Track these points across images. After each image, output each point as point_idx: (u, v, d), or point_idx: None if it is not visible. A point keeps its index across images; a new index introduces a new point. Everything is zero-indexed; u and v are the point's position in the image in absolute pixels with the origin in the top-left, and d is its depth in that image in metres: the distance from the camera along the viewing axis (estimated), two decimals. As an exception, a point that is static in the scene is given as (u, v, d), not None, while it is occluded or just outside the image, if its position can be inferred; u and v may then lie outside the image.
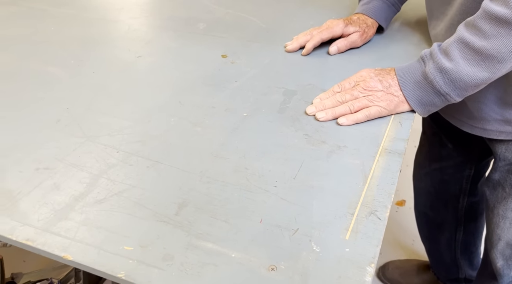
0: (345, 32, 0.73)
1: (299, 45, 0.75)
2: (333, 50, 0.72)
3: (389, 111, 0.56)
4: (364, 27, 0.74)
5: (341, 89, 0.59)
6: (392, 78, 0.57)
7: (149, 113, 0.61)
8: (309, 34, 0.75)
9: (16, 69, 0.71)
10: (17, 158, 0.52)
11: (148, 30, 0.85)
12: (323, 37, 0.73)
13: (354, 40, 0.74)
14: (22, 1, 0.97)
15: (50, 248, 0.41)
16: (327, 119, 0.56)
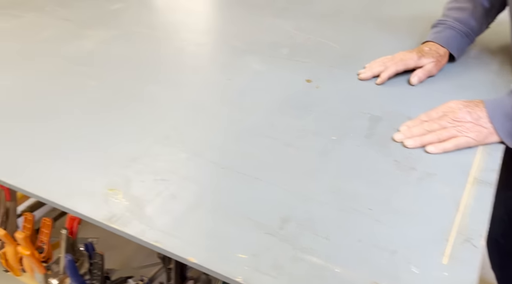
0: (418, 64, 0.76)
1: (372, 75, 0.78)
2: (415, 81, 0.75)
3: (478, 142, 0.58)
4: (437, 57, 0.76)
5: (428, 119, 0.62)
6: (481, 110, 0.59)
7: (245, 132, 0.67)
8: (383, 65, 0.78)
9: (123, 87, 0.81)
10: (138, 169, 0.60)
11: (235, 54, 0.92)
12: (398, 68, 0.76)
13: (430, 70, 0.76)
14: (123, 26, 1.09)
15: (175, 250, 0.48)
16: (415, 146, 0.60)
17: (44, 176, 0.60)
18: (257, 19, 1.08)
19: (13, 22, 1.14)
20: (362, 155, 0.60)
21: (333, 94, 0.75)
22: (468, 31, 0.78)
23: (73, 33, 1.06)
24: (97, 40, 1.01)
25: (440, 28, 0.80)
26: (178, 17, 1.13)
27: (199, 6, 1.20)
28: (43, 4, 1.26)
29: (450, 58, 0.80)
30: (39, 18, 1.16)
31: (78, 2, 1.26)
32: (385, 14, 1.05)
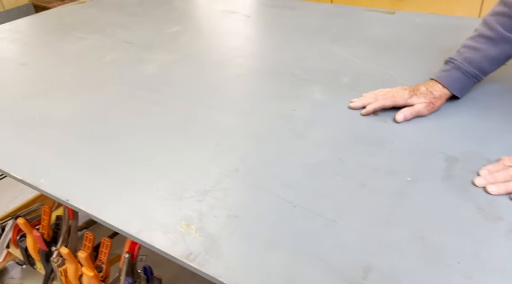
0: (407, 103, 0.76)
1: (362, 105, 0.79)
2: (400, 118, 0.75)
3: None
4: (430, 98, 0.75)
5: None
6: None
7: (314, 168, 0.66)
8: (375, 97, 0.79)
9: (187, 114, 0.82)
10: (211, 203, 0.60)
11: (296, 82, 0.92)
12: (385, 104, 0.77)
13: (419, 110, 0.75)
14: (181, 49, 1.11)
15: (257, 295, 0.47)
16: (499, 193, 0.57)
17: (122, 206, 0.61)
18: (314, 46, 1.08)
19: (77, 44, 1.19)
20: (441, 199, 0.58)
21: (402, 130, 0.74)
22: (475, 73, 0.76)
23: (134, 56, 1.09)
24: (157, 64, 1.04)
25: (448, 66, 0.78)
26: (234, 42, 1.14)
27: (255, 32, 1.21)
28: (104, 26, 1.31)
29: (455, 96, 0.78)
30: (101, 40, 1.20)
31: (136, 25, 1.30)
32: (449, 45, 1.02)
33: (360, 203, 0.59)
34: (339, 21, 1.21)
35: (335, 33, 1.14)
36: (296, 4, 1.38)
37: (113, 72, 1.02)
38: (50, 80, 1.00)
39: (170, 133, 0.77)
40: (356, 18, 1.23)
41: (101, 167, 0.70)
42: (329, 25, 1.19)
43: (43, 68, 1.06)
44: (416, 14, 1.23)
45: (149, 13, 1.39)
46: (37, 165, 0.71)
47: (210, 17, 1.34)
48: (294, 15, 1.29)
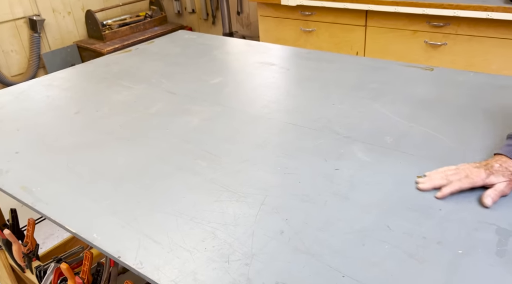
0: (486, 183, 0.72)
1: (432, 187, 0.74)
2: (489, 203, 0.69)
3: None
4: (509, 175, 0.71)
5: None
6: None
7: (362, 234, 0.66)
8: (445, 178, 0.74)
9: (232, 171, 0.84)
10: (259, 269, 0.61)
11: (338, 140, 0.93)
12: (462, 186, 0.72)
13: (502, 190, 0.71)
14: (223, 101, 1.16)
15: None
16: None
17: (171, 266, 0.62)
18: (353, 101, 1.10)
19: (124, 93, 1.25)
20: (496, 278, 0.57)
21: (450, 196, 0.73)
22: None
23: (179, 107, 1.14)
24: (201, 117, 1.08)
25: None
26: (275, 95, 1.17)
27: (294, 85, 1.24)
28: (149, 75, 1.37)
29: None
30: (147, 90, 1.26)
31: (179, 75, 1.37)
32: (496, 105, 1.02)
33: (409, 275, 0.58)
34: (378, 76, 1.24)
35: (374, 89, 1.16)
36: (332, 57, 1.42)
37: (159, 123, 1.06)
38: (101, 129, 1.05)
39: (216, 190, 0.79)
40: (394, 74, 1.25)
41: (150, 223, 0.72)
42: (368, 80, 1.22)
43: (94, 117, 1.12)
44: (456, 72, 1.24)
45: (191, 63, 1.46)
46: (91, 218, 0.74)
47: (250, 68, 1.40)
48: (332, 68, 1.33)
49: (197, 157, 0.90)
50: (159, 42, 1.72)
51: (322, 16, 2.34)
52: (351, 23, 2.25)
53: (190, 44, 1.66)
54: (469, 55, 1.96)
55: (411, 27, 2.07)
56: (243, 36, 3.44)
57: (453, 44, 1.99)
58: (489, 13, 1.78)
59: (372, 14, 2.16)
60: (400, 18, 2.08)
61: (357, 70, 1.30)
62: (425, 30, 2.04)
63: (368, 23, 2.20)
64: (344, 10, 2.22)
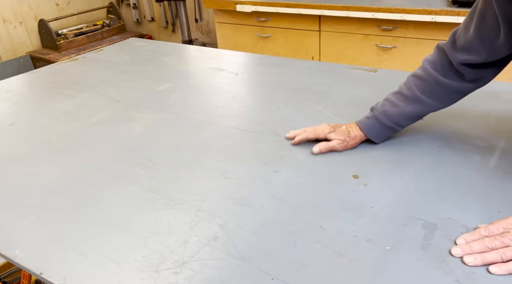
0: (327, 137, 0.87)
1: (293, 135, 0.92)
2: (315, 151, 0.86)
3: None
4: (345, 137, 0.86)
5: (489, 234, 0.59)
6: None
7: (294, 236, 0.66)
8: (304, 130, 0.91)
9: (172, 178, 0.83)
10: (188, 276, 0.59)
11: (280, 143, 0.93)
12: (308, 136, 0.89)
13: (332, 145, 0.86)
14: (169, 108, 1.14)
15: None
16: (476, 264, 0.57)
17: (96, 280, 0.60)
18: (298, 104, 1.11)
19: (67, 102, 1.21)
20: (420, 272, 0.58)
21: (382, 194, 0.74)
22: (391, 125, 0.86)
23: (122, 115, 1.11)
24: (145, 124, 1.06)
25: (369, 114, 0.89)
26: (222, 101, 1.17)
27: (242, 89, 1.24)
28: (95, 84, 1.34)
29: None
30: (91, 99, 1.23)
31: (126, 82, 1.34)
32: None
33: (338, 274, 0.58)
34: (323, 79, 1.25)
35: (319, 91, 1.18)
36: (281, 61, 1.43)
37: (100, 132, 1.03)
38: (37, 140, 1.01)
39: (152, 198, 0.77)
40: (340, 76, 1.27)
41: (79, 237, 0.69)
42: (313, 83, 1.23)
43: (31, 128, 1.07)
44: (398, 73, 1.27)
45: (139, 71, 1.43)
46: (15, 234, 0.70)
47: (199, 74, 1.38)
48: (280, 73, 1.33)
49: (136, 165, 0.88)
50: (108, 50, 1.68)
51: (278, 22, 2.36)
52: (305, 28, 2.29)
53: (140, 52, 1.63)
54: (417, 57, 2.02)
55: (363, 31, 2.13)
56: (203, 43, 3.43)
57: (403, 47, 2.05)
58: (433, 17, 1.85)
59: (325, 19, 2.20)
60: (351, 23, 2.13)
61: (304, 74, 1.31)
62: (376, 34, 2.10)
63: (322, 28, 2.24)
64: (298, 16, 2.25)
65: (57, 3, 3.45)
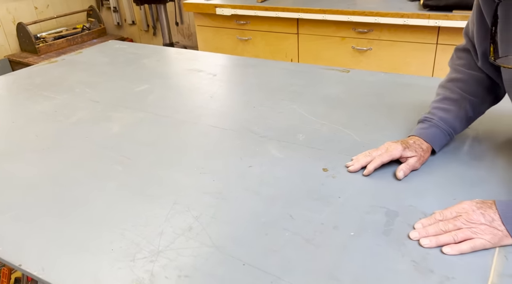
0: (403, 155, 0.80)
1: (360, 166, 0.81)
2: (401, 175, 0.78)
3: (493, 244, 0.60)
4: (420, 152, 0.80)
5: (443, 218, 0.64)
6: (494, 212, 0.61)
7: (265, 226, 0.70)
8: (370, 155, 0.82)
9: (148, 173, 0.85)
10: (163, 264, 0.62)
11: (255, 139, 0.97)
12: (383, 160, 0.80)
13: (413, 164, 0.79)
14: (147, 108, 1.16)
15: None
16: (431, 246, 0.61)
17: (73, 270, 0.62)
18: (273, 103, 1.15)
19: (45, 104, 1.22)
20: (381, 254, 0.62)
21: (349, 185, 0.78)
22: (450, 130, 0.84)
23: (101, 115, 1.13)
24: (123, 123, 1.08)
25: (426, 124, 0.85)
26: (200, 100, 1.20)
27: (219, 89, 1.27)
28: (74, 85, 1.35)
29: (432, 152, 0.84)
30: (69, 100, 1.24)
31: (105, 83, 1.36)
32: (398, 101, 1.10)
33: (305, 259, 0.62)
34: (298, 80, 1.30)
35: (294, 91, 1.22)
36: (258, 62, 1.47)
37: (79, 132, 1.05)
38: (15, 140, 1.02)
39: (130, 193, 0.80)
40: (314, 77, 1.32)
41: (57, 230, 0.71)
42: (289, 83, 1.27)
43: (8, 128, 1.08)
44: (369, 73, 1.32)
45: (118, 72, 1.45)
46: (-6, 229, 0.72)
47: (178, 75, 1.41)
48: (257, 73, 1.37)
49: (114, 163, 0.90)
50: (87, 52, 1.69)
51: (257, 25, 2.41)
52: (284, 31, 2.34)
53: (119, 54, 1.65)
54: (391, 58, 2.09)
55: (339, 33, 2.19)
56: (185, 46, 3.45)
57: (378, 49, 2.12)
58: (405, 20, 1.92)
59: (303, 22, 2.25)
60: (328, 26, 2.19)
61: (280, 75, 1.35)
62: (352, 37, 2.16)
63: (300, 31, 2.30)
64: (277, 19, 2.30)
65: (35, 7, 3.43)
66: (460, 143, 0.89)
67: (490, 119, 0.95)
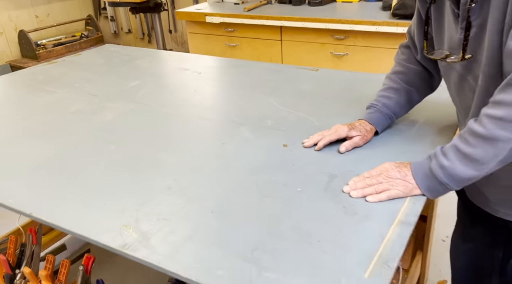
0: (348, 135, 0.95)
1: (312, 143, 0.98)
2: (343, 150, 0.94)
3: (405, 193, 0.76)
4: (364, 132, 0.96)
5: (369, 175, 0.80)
6: (408, 170, 0.78)
7: (233, 186, 0.85)
8: (321, 135, 0.98)
9: (137, 152, 1.01)
10: (146, 212, 0.78)
11: (232, 126, 1.13)
12: (331, 138, 0.96)
13: (356, 142, 0.95)
14: (138, 100, 1.33)
15: (175, 270, 0.64)
16: (358, 196, 0.77)
17: (77, 217, 0.78)
18: (252, 97, 1.31)
19: (47, 97, 1.38)
20: (319, 203, 0.78)
21: (302, 156, 0.94)
22: (391, 114, 1.00)
23: (97, 106, 1.29)
24: (116, 112, 1.24)
25: (371, 110, 1.01)
26: (184, 94, 1.36)
27: (204, 86, 1.44)
28: (73, 81, 1.52)
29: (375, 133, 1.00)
30: (69, 94, 1.41)
31: (102, 80, 1.52)
32: (357, 94, 1.27)
33: (262, 208, 0.78)
34: (274, 77, 1.47)
35: (270, 86, 1.39)
36: (239, 63, 1.64)
37: (78, 119, 1.21)
38: (19, 128, 1.18)
39: (120, 166, 0.96)
40: (288, 75, 1.48)
41: (62, 191, 0.87)
42: (266, 80, 1.44)
43: (14, 118, 1.24)
44: (336, 72, 1.50)
45: (113, 71, 1.62)
46: (6, 190, 0.87)
47: (166, 73, 1.58)
48: (238, 72, 1.54)
49: (108, 143, 1.06)
50: (86, 54, 1.86)
51: (244, 32, 2.59)
52: (269, 38, 2.52)
53: (115, 56, 1.82)
54: (366, 63, 2.27)
55: (319, 40, 2.37)
56: (178, 53, 3.62)
57: (353, 54, 2.30)
58: (377, 27, 2.11)
59: (286, 30, 2.43)
60: (308, 33, 2.37)
61: (258, 73, 1.52)
62: (330, 43, 2.34)
63: (283, 37, 2.48)
64: (262, 26, 2.48)
65: (36, 15, 3.61)
66: (410, 126, 1.05)
67: (434, 108, 1.12)
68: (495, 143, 0.67)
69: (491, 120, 0.68)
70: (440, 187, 0.74)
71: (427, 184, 0.75)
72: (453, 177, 0.72)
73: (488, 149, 0.68)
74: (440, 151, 0.75)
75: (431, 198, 0.77)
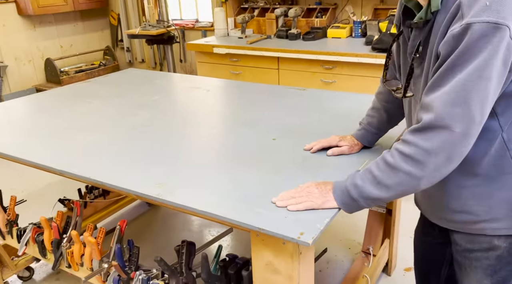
0: (338, 144, 1.19)
1: (310, 147, 1.21)
2: (329, 153, 1.18)
3: (319, 205, 0.91)
4: (352, 144, 1.19)
5: (296, 191, 0.95)
6: (328, 187, 0.94)
7: (230, 165, 1.17)
8: (319, 142, 1.21)
9: (158, 142, 1.34)
10: (172, 176, 1.10)
11: (230, 126, 1.46)
12: (323, 144, 1.20)
13: (343, 150, 1.18)
14: (159, 110, 1.66)
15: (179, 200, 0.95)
16: (282, 206, 0.93)
17: (121, 179, 1.09)
18: (248, 109, 1.64)
19: (87, 106, 1.73)
20: (297, 174, 1.09)
21: (284, 147, 1.26)
22: (376, 131, 1.20)
23: (127, 112, 1.63)
24: (143, 118, 1.57)
25: (359, 127, 1.22)
26: (195, 105, 1.70)
27: (211, 100, 1.78)
28: (105, 95, 1.86)
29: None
30: (103, 104, 1.75)
31: (128, 94, 1.87)
32: (333, 108, 1.60)
33: (254, 176, 1.09)
34: (268, 95, 1.80)
35: (263, 101, 1.72)
36: (240, 84, 1.99)
37: (113, 121, 1.54)
38: (73, 124, 1.51)
39: (149, 151, 1.28)
40: (279, 93, 1.82)
41: (109, 163, 1.19)
42: (260, 98, 1.78)
43: (67, 118, 1.58)
44: (320, 91, 1.84)
45: (137, 88, 1.96)
46: (69, 163, 1.20)
47: (180, 91, 1.92)
48: (240, 92, 1.89)
49: (140, 137, 1.39)
50: (113, 76, 2.22)
51: (246, 61, 2.97)
52: (267, 67, 2.89)
53: (137, 77, 2.18)
54: (351, 89, 2.61)
55: (311, 69, 2.74)
56: (186, 81, 4.00)
57: (341, 82, 2.66)
58: (359, 58, 2.47)
59: (282, 60, 2.81)
60: (302, 63, 2.74)
61: (255, 92, 1.86)
62: (320, 72, 2.71)
63: (280, 66, 2.85)
64: (262, 57, 2.86)
65: (61, 45, 4.03)
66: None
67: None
68: (398, 173, 0.83)
69: (400, 154, 0.84)
70: (352, 203, 0.90)
71: (342, 199, 0.91)
72: (362, 195, 0.88)
73: (392, 176, 0.85)
74: (356, 172, 0.92)
75: (347, 212, 0.92)
